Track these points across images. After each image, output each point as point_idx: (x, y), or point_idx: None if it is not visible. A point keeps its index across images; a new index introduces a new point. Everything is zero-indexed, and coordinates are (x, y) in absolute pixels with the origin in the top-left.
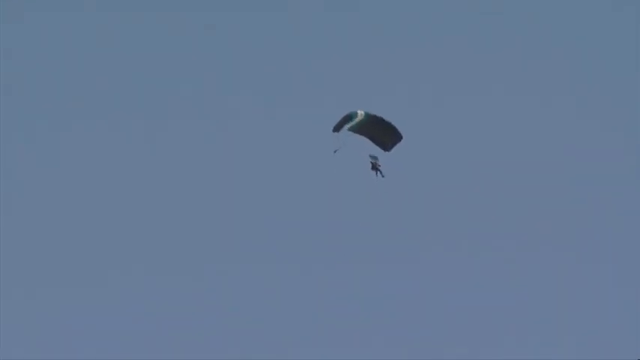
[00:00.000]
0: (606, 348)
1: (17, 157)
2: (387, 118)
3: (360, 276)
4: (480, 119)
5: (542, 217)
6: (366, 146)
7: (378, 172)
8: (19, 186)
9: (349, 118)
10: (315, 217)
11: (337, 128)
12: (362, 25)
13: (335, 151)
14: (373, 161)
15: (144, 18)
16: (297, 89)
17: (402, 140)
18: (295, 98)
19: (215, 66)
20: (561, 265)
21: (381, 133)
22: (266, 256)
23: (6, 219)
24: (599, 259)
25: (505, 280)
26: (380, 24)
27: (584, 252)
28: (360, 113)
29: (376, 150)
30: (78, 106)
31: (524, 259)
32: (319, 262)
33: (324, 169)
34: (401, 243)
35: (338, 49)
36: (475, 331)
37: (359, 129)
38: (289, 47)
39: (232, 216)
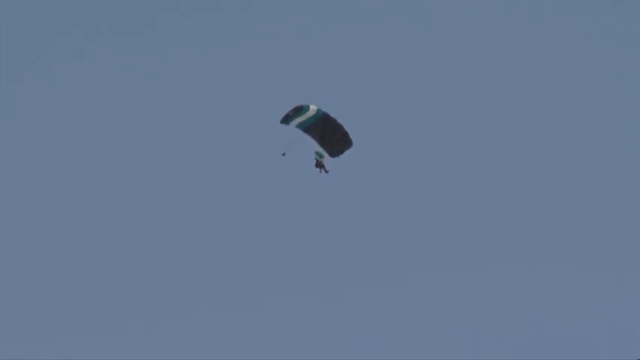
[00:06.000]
0: (606, 348)
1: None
2: (340, 121)
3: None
4: (477, 123)
5: (538, 221)
6: (313, 144)
7: (322, 169)
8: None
9: (300, 111)
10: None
11: (286, 120)
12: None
13: (283, 154)
14: (318, 158)
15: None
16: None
17: (353, 147)
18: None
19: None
20: (560, 266)
21: (331, 137)
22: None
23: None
24: (599, 260)
25: (504, 281)
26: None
27: (583, 253)
28: (313, 109)
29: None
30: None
31: (523, 261)
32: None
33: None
34: (396, 248)
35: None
36: (475, 335)
37: (308, 128)
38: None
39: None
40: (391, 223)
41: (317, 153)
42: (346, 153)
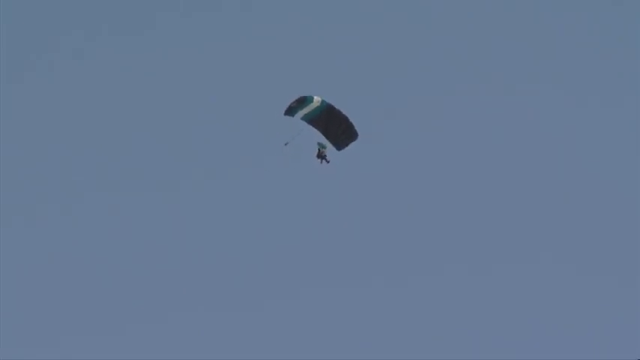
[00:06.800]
0: (606, 348)
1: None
2: (345, 112)
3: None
4: (477, 122)
5: (538, 220)
6: (316, 134)
7: (323, 160)
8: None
9: (304, 102)
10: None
11: (290, 112)
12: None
13: (286, 144)
14: (321, 148)
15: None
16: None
17: (358, 139)
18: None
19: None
20: (560, 266)
21: (337, 128)
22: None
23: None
24: (599, 260)
25: (503, 281)
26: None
27: (583, 252)
28: (317, 100)
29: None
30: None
31: (522, 260)
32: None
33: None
34: (396, 247)
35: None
36: (475, 335)
37: (312, 120)
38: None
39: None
40: (391, 223)
41: (320, 144)
42: (351, 146)
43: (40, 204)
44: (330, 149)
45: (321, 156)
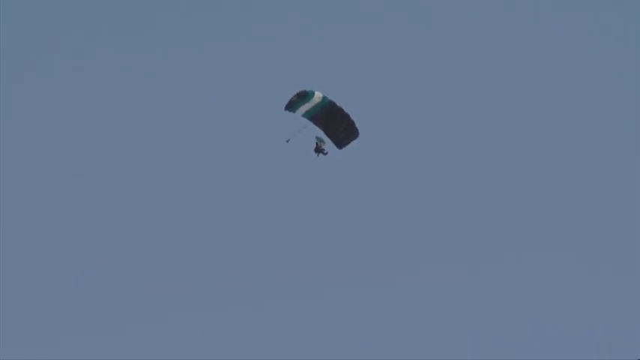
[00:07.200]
0: (606, 348)
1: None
2: (347, 110)
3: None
4: (478, 119)
5: (537, 218)
6: (316, 129)
7: (321, 154)
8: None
9: (304, 97)
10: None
11: (290, 107)
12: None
13: (288, 141)
14: (319, 142)
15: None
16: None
17: (359, 138)
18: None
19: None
20: (559, 266)
21: (337, 126)
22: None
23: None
24: (599, 260)
25: (503, 280)
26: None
27: (583, 252)
28: (318, 96)
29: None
30: None
31: (523, 260)
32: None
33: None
34: (397, 245)
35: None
36: (476, 333)
37: (313, 117)
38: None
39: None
40: (391, 221)
41: (318, 138)
42: (352, 144)
43: (40, 204)
44: (330, 147)
45: (318, 150)
